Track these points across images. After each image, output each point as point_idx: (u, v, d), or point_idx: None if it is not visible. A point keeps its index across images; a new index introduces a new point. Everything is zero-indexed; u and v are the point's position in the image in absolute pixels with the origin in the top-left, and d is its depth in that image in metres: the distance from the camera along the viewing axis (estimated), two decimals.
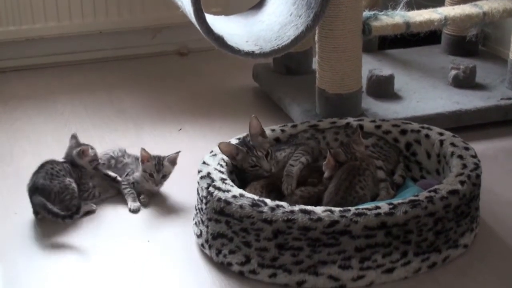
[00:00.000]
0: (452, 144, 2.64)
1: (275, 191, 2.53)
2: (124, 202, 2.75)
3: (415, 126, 2.80)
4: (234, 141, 2.71)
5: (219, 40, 2.80)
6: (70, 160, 2.79)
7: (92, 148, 2.80)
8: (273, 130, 2.82)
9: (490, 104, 3.26)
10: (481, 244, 2.47)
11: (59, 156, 3.08)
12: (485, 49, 3.91)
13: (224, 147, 2.62)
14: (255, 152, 2.61)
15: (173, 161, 2.78)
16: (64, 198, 2.64)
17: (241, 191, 2.37)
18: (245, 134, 2.74)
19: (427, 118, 3.11)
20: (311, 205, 2.31)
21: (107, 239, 2.55)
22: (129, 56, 4.18)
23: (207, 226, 2.40)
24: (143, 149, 2.74)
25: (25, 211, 2.69)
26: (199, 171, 2.52)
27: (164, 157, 2.77)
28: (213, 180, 2.43)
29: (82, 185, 2.75)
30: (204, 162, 2.57)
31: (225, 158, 2.62)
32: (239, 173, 2.65)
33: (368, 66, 3.44)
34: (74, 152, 2.78)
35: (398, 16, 3.13)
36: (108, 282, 2.33)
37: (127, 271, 2.38)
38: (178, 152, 2.79)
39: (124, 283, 2.33)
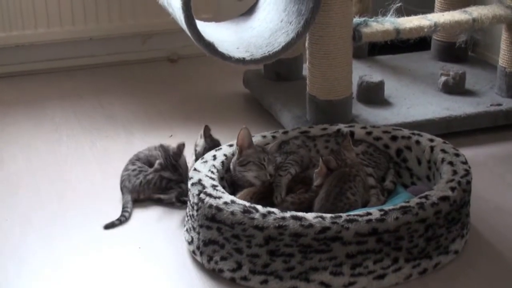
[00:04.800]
0: (443, 151, 2.64)
1: (264, 200, 2.53)
2: (116, 208, 2.74)
3: (406, 132, 2.80)
4: (225, 148, 2.71)
5: (209, 46, 2.80)
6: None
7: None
8: (264, 137, 2.82)
9: (479, 110, 3.27)
10: (472, 250, 2.48)
11: (50, 162, 3.09)
12: (474, 55, 3.93)
13: (244, 133, 2.63)
14: (269, 155, 2.62)
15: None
16: None
17: (232, 197, 2.37)
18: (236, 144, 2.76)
19: (417, 124, 3.12)
20: (303, 211, 2.31)
21: (98, 245, 2.54)
22: (120, 62, 4.17)
23: (198, 233, 2.40)
24: None
25: (16, 218, 2.69)
26: (190, 178, 2.51)
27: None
28: (204, 187, 2.43)
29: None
30: (195, 169, 2.57)
31: (216, 164, 2.61)
32: (231, 179, 2.65)
33: (358, 72, 3.44)
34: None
35: (388, 23, 3.13)
36: None
37: (118, 277, 2.38)
38: None
39: None
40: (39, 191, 2.87)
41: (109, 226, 2.63)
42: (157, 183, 2.78)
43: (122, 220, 2.66)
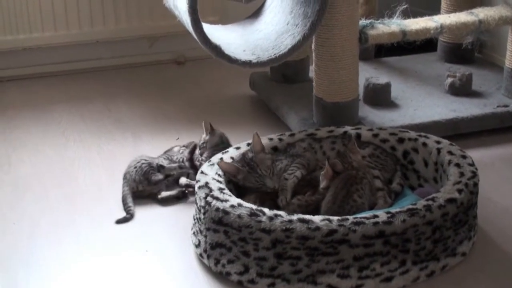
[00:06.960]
0: (450, 153, 2.64)
1: (268, 201, 2.53)
2: (123, 211, 2.75)
3: (412, 134, 2.80)
4: (232, 150, 2.71)
5: (216, 49, 2.80)
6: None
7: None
8: (270, 139, 2.83)
9: (486, 112, 3.26)
10: (479, 252, 2.47)
11: (58, 166, 3.09)
12: (481, 56, 3.92)
13: (225, 166, 2.60)
14: (259, 171, 2.60)
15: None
16: None
17: (239, 200, 2.37)
18: (243, 146, 2.74)
19: (424, 126, 3.12)
20: (309, 214, 2.31)
21: (105, 249, 2.55)
22: (126, 65, 4.18)
23: (205, 236, 2.40)
24: None
25: (24, 221, 2.69)
26: (197, 181, 2.52)
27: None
28: (211, 190, 2.43)
29: None
30: (202, 172, 2.57)
31: None
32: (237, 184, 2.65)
33: (364, 74, 3.45)
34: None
35: (394, 25, 3.14)
36: None
37: (126, 280, 2.38)
38: None
39: None
40: (46, 195, 2.88)
41: (121, 221, 2.70)
42: (147, 171, 2.83)
43: (130, 215, 2.73)
